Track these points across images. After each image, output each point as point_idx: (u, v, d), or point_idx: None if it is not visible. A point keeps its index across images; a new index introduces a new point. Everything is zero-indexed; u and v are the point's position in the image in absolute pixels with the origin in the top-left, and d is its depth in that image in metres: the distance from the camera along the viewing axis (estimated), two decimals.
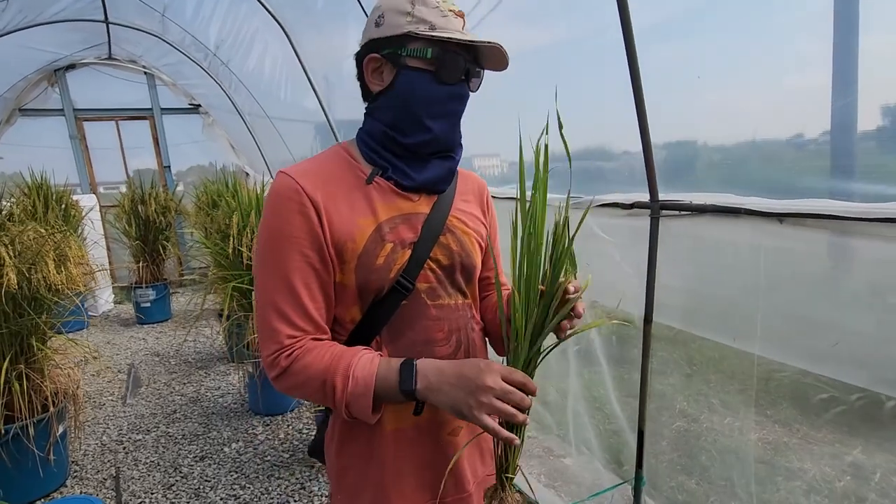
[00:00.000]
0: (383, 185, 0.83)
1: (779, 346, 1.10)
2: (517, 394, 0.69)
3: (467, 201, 0.92)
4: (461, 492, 0.89)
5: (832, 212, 0.95)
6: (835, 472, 2.35)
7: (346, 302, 0.83)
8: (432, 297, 0.84)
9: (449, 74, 0.79)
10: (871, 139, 1.17)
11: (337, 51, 3.43)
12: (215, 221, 3.05)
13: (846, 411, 2.49)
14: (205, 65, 4.85)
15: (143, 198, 4.93)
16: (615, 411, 2.15)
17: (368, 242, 0.80)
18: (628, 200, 1.43)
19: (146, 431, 2.95)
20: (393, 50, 0.79)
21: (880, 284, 0.94)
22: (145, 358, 4.11)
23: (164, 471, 2.55)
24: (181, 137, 6.37)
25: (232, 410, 3.15)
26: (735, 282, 1.21)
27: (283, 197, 0.78)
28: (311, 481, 2.40)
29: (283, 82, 4.11)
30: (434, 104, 0.80)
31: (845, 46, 1.19)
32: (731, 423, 2.69)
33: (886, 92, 1.14)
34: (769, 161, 1.46)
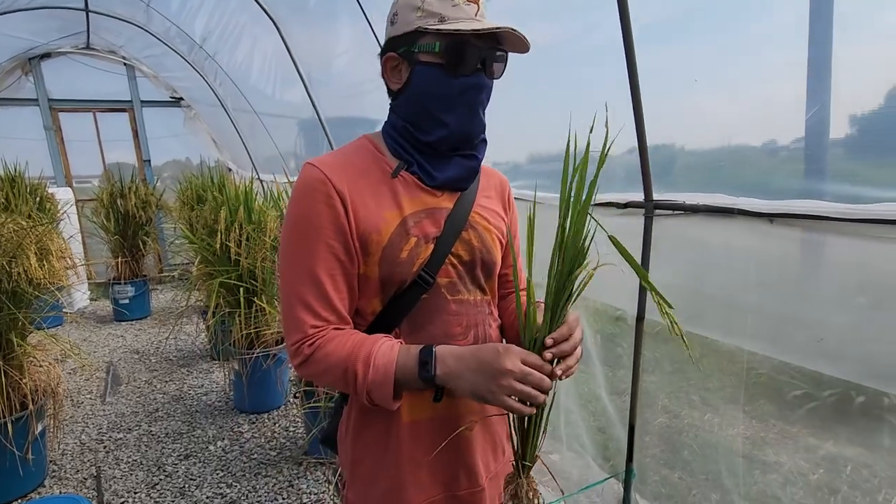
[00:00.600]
0: (408, 180, 0.84)
1: (769, 342, 1.16)
2: (536, 375, 0.70)
3: (489, 197, 0.93)
4: (474, 486, 0.90)
5: (821, 213, 1.00)
6: (809, 465, 2.45)
7: (368, 294, 0.84)
8: (452, 292, 0.85)
9: (461, 66, 0.78)
10: (841, 146, 1.23)
11: (327, 49, 3.42)
12: (202, 216, 3.00)
13: (819, 407, 2.59)
14: (189, 57, 4.76)
15: (123, 192, 4.81)
16: (604, 408, 2.20)
17: (393, 236, 0.80)
18: (623, 200, 1.47)
19: (127, 430, 2.89)
20: (407, 47, 0.79)
21: (864, 282, 1.00)
22: (124, 355, 4.02)
23: (148, 469, 2.50)
24: (161, 131, 6.23)
25: (216, 409, 3.11)
26: (726, 279, 1.26)
27: (310, 188, 0.79)
28: (300, 479, 2.39)
29: (271, 77, 4.06)
30: (448, 98, 0.79)
31: (819, 57, 1.25)
32: (711, 418, 2.78)
33: (857, 101, 1.21)
34: (744, 165, 1.52)
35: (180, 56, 4.82)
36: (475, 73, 0.79)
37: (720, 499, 2.26)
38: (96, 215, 4.89)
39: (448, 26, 0.75)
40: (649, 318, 1.44)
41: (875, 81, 1.15)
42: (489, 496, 0.92)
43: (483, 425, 0.89)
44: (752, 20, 1.45)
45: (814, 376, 2.67)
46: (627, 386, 1.92)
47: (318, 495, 2.27)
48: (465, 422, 0.87)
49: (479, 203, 0.89)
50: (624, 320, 1.61)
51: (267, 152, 4.91)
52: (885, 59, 1.14)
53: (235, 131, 5.17)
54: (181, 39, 4.52)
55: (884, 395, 2.43)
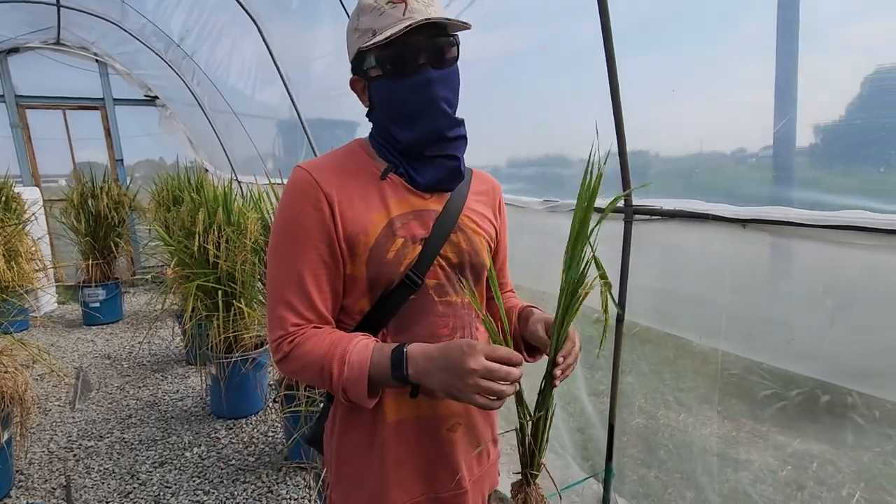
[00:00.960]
0: (396, 182, 0.85)
1: (741, 343, 1.20)
2: (501, 370, 0.71)
3: (480, 202, 0.94)
4: (458, 488, 0.91)
5: (791, 219, 1.05)
6: (777, 463, 2.54)
7: (356, 293, 0.84)
8: (440, 294, 0.86)
9: (401, 69, 0.78)
10: (807, 154, 1.30)
11: (307, 50, 3.40)
12: (178, 218, 2.94)
13: (787, 406, 2.70)
14: (166, 56, 4.66)
15: (95, 192, 4.67)
16: (582, 409, 2.24)
17: (380, 236, 0.81)
18: (603, 205, 1.50)
19: (98, 437, 2.80)
20: (360, 68, 0.83)
21: (830, 285, 1.05)
22: (95, 361, 3.89)
23: (121, 478, 2.43)
24: (135, 129, 6.08)
25: (192, 414, 3.04)
26: (701, 282, 1.30)
27: (298, 190, 0.81)
28: (279, 484, 2.36)
29: (251, 78, 4.02)
30: (402, 103, 0.80)
31: (786, 68, 1.31)
32: (685, 419, 2.85)
33: (821, 112, 1.27)
34: (716, 172, 1.58)
35: (156, 54, 4.72)
36: (420, 71, 0.79)
37: (694, 497, 2.32)
38: (66, 216, 4.73)
39: (376, 38, 0.76)
40: (628, 319, 1.48)
41: (839, 93, 1.21)
42: (472, 499, 0.94)
43: (467, 428, 0.90)
44: (722, 32, 1.51)
45: (782, 376, 2.77)
46: (605, 387, 1.97)
47: (298, 501, 2.25)
48: (449, 423, 0.88)
49: (469, 206, 0.90)
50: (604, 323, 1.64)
51: (245, 153, 4.84)
52: (847, 72, 1.20)
53: (213, 131, 5.09)
54: (157, 37, 4.43)
55: (847, 395, 2.55)
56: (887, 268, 1.00)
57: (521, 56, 2.16)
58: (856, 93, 1.18)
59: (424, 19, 0.75)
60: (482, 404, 0.71)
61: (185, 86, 4.84)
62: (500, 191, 1.00)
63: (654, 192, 1.50)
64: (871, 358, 1.03)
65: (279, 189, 2.56)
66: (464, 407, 0.89)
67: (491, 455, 0.99)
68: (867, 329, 1.05)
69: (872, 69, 1.16)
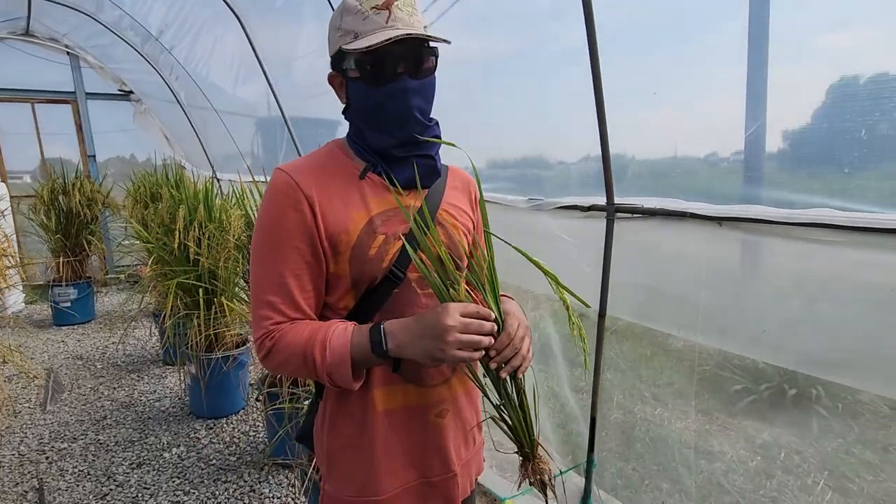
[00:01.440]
0: (375, 181, 0.88)
1: (716, 335, 1.26)
2: (474, 322, 0.76)
3: (456, 196, 0.97)
4: (447, 471, 0.93)
5: (763, 217, 1.11)
6: (748, 454, 2.65)
7: (340, 290, 0.86)
8: (422, 286, 0.89)
9: (379, 76, 0.80)
10: (776, 159, 1.37)
11: (289, 48, 3.38)
12: (158, 215, 2.89)
13: (756, 400, 2.82)
14: (143, 50, 4.56)
15: (66, 188, 4.53)
16: (563, 404, 2.29)
17: (361, 234, 0.84)
18: (586, 203, 1.55)
19: (72, 439, 2.73)
20: (339, 66, 0.85)
21: (800, 279, 1.12)
22: (66, 362, 3.78)
23: (96, 480, 2.38)
24: (108, 125, 5.92)
25: (171, 415, 2.99)
26: (680, 277, 1.36)
27: (278, 192, 0.83)
28: (262, 483, 2.34)
29: (231, 75, 3.97)
30: (379, 107, 0.82)
31: (756, 76, 1.38)
32: (661, 413, 2.95)
33: (789, 118, 1.34)
34: (689, 175, 1.65)
35: (132, 48, 4.61)
36: (398, 79, 0.81)
37: (670, 487, 2.40)
38: (35, 213, 4.57)
39: (358, 44, 0.78)
40: (617, 315, 1.53)
41: (806, 100, 1.29)
42: (461, 482, 0.96)
43: (454, 413, 0.93)
44: (696, 39, 1.58)
45: (752, 371, 2.89)
46: (585, 384, 2.02)
47: (282, 499, 2.23)
48: (437, 409, 0.90)
49: (446, 201, 0.93)
50: (587, 317, 1.70)
51: (224, 150, 4.77)
52: (814, 80, 1.28)
53: (191, 128, 5.00)
54: (135, 31, 4.33)
55: (812, 388, 2.67)
56: (851, 263, 1.07)
57: (501, 58, 2.20)
58: (821, 100, 1.26)
59: (405, 34, 0.76)
60: (463, 357, 0.75)
61: (162, 81, 4.74)
62: (474, 184, 1.03)
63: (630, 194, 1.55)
64: (837, 348, 1.10)
65: (262, 187, 2.54)
66: (450, 393, 0.92)
67: (476, 440, 1.02)
68: (833, 321, 1.12)
69: (837, 77, 1.23)
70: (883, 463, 2.45)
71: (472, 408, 0.98)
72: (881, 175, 1.18)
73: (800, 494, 2.34)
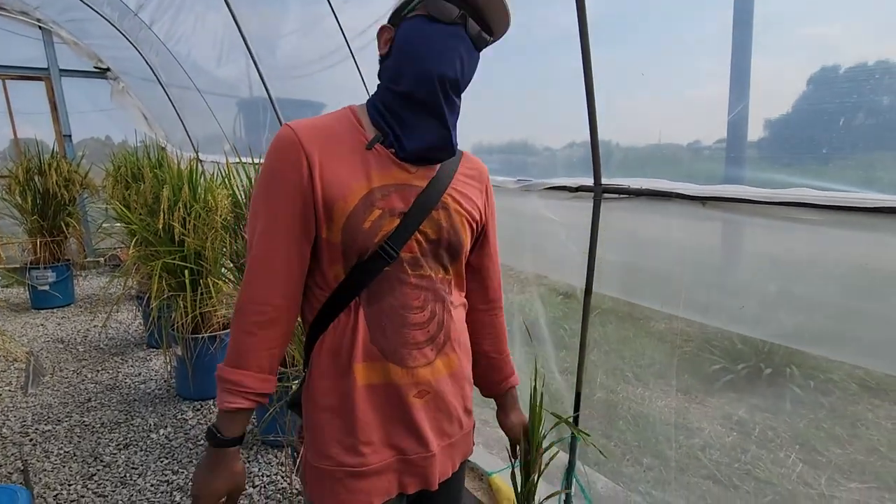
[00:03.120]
0: (382, 153, 0.86)
1: (699, 310, 1.31)
2: None
3: (467, 183, 0.96)
4: (425, 450, 0.93)
5: (745, 196, 1.15)
6: (724, 430, 2.76)
7: (331, 258, 0.86)
8: (414, 267, 0.88)
9: (441, 13, 0.82)
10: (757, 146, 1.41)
11: (274, 28, 3.32)
12: (141, 195, 2.83)
13: (734, 379, 2.93)
14: (121, 26, 4.41)
15: (42, 168, 4.40)
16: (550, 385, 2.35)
17: (358, 205, 0.83)
18: (574, 184, 1.58)
19: (56, 422, 2.70)
20: (397, 16, 0.86)
21: (778, 256, 1.16)
22: (46, 345, 3.72)
23: (83, 461, 2.37)
24: (84, 104, 5.73)
25: (157, 397, 2.97)
26: (664, 256, 1.40)
27: (279, 148, 0.83)
28: (251, 462, 2.36)
29: (214, 54, 3.87)
30: (429, 41, 0.82)
31: (740, 64, 1.41)
32: (642, 392, 3.04)
33: (771, 106, 1.38)
34: (672, 162, 1.69)
35: (110, 23, 4.45)
36: (454, 24, 0.83)
37: (650, 462, 2.49)
38: (9, 193, 4.44)
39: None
40: (604, 292, 1.56)
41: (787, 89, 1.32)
42: (440, 461, 0.96)
43: (435, 395, 0.93)
44: (681, 27, 1.60)
45: (730, 351, 2.99)
46: (570, 364, 2.07)
47: (271, 477, 2.26)
48: (416, 390, 0.90)
49: (454, 186, 0.92)
50: (574, 296, 1.74)
51: (206, 131, 4.67)
52: (797, 68, 1.31)
53: (171, 107, 4.88)
54: (112, 6, 4.18)
55: (787, 366, 2.78)
56: (827, 241, 1.11)
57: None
58: (802, 89, 1.29)
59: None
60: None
61: (141, 58, 4.60)
62: (487, 173, 1.02)
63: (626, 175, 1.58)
64: (812, 322, 1.15)
65: (248, 168, 2.51)
66: (433, 377, 0.92)
67: (465, 425, 1.01)
68: (810, 297, 1.17)
69: (818, 67, 1.27)
70: (851, 437, 2.58)
71: (459, 392, 0.98)
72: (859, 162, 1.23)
73: (772, 467, 2.45)
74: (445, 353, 0.93)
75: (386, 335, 0.88)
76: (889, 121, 1.20)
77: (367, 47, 2.60)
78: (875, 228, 1.03)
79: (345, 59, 2.68)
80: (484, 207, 1.00)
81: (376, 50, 0.89)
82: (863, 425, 2.63)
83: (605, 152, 1.60)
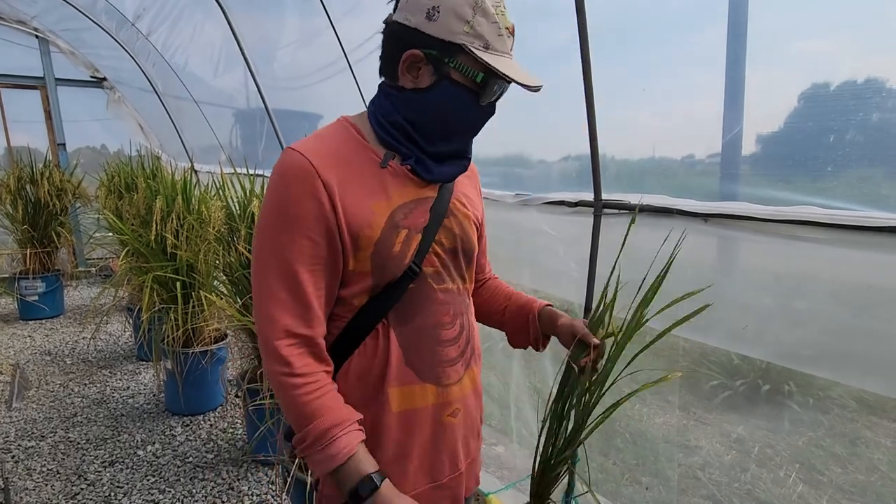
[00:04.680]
0: (397, 170, 0.82)
1: (701, 330, 1.29)
2: None
3: (466, 185, 0.95)
4: (455, 471, 0.91)
5: (747, 213, 1.13)
6: (724, 448, 2.72)
7: (357, 287, 0.81)
8: (438, 282, 0.85)
9: (488, 97, 0.79)
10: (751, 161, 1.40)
11: (272, 39, 3.32)
12: (134, 205, 2.80)
13: (732, 395, 2.90)
14: (118, 35, 4.41)
15: (34, 177, 4.35)
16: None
17: (385, 229, 0.78)
18: (574, 199, 1.56)
19: (40, 437, 2.63)
20: (439, 54, 0.75)
21: (781, 275, 1.14)
22: (33, 357, 3.64)
23: (66, 479, 2.29)
24: (80, 113, 5.70)
25: (145, 411, 2.90)
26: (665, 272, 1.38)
27: (293, 177, 0.74)
28: (240, 480, 2.30)
29: (212, 64, 3.87)
30: (466, 121, 0.81)
31: (734, 79, 1.41)
32: (640, 409, 3.00)
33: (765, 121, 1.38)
34: (667, 175, 1.68)
35: (107, 33, 4.45)
36: (491, 106, 0.82)
37: (649, 481, 2.45)
38: (0, 202, 4.38)
39: (494, 61, 0.74)
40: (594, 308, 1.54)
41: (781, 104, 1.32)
42: (465, 480, 0.95)
43: (465, 412, 0.91)
44: (677, 42, 1.61)
45: (728, 367, 2.96)
46: None
47: (261, 496, 2.20)
48: (450, 410, 0.88)
49: (458, 190, 0.90)
50: (572, 312, 1.71)
51: (202, 142, 4.66)
52: (789, 84, 1.31)
53: (168, 117, 4.86)
54: (109, 15, 4.18)
55: (785, 383, 2.75)
56: (828, 259, 1.10)
57: None
58: (795, 104, 1.29)
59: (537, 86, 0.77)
60: None
61: (138, 68, 4.59)
62: (476, 169, 1.01)
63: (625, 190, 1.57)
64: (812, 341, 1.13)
65: (243, 179, 2.49)
66: (461, 391, 0.89)
67: (481, 438, 1.02)
68: (810, 315, 1.15)
69: (810, 84, 1.27)
70: (851, 456, 2.55)
71: (479, 405, 0.97)
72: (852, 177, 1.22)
73: (772, 487, 2.41)
74: (471, 368, 0.92)
75: (421, 356, 0.84)
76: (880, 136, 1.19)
77: (364, 59, 2.60)
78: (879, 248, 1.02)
79: (342, 71, 2.68)
80: (480, 205, 1.00)
81: (374, 62, 0.85)
82: (862, 443, 2.60)
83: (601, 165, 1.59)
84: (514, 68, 0.76)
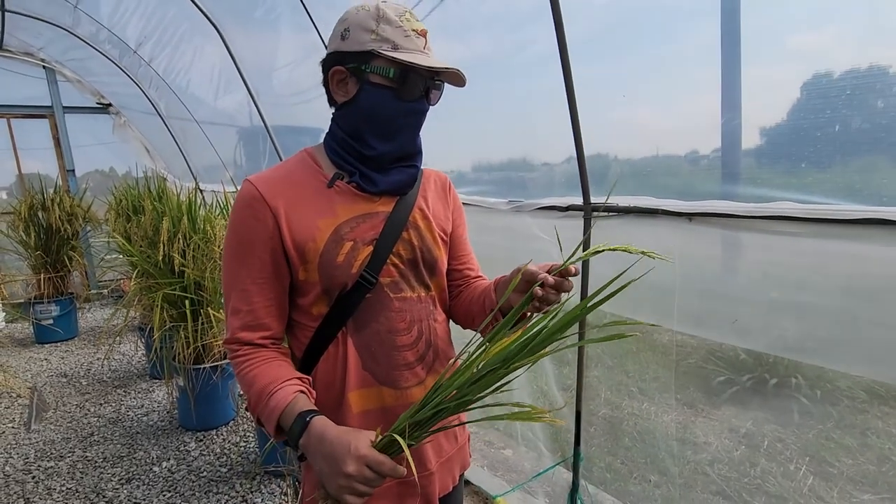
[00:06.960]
0: (344, 189, 0.89)
1: (692, 324, 1.31)
2: (379, 480, 0.74)
3: (430, 198, 0.98)
4: (423, 470, 0.94)
5: (729, 211, 1.16)
6: (732, 444, 2.72)
7: (312, 297, 0.89)
8: (395, 291, 0.90)
9: (409, 93, 0.84)
10: (752, 155, 1.43)
11: (269, 58, 3.40)
12: (141, 227, 2.87)
13: (739, 391, 2.89)
14: (121, 62, 4.53)
15: (45, 203, 4.47)
16: (553, 402, 2.33)
17: (328, 242, 0.86)
18: (564, 203, 1.60)
19: (59, 458, 2.69)
20: (357, 65, 0.84)
21: (767, 269, 1.17)
22: (50, 379, 3.72)
23: (85, 497, 2.35)
24: (87, 139, 5.84)
25: (159, 428, 2.96)
26: (654, 271, 1.41)
27: (243, 204, 0.86)
28: (254, 493, 2.34)
29: (212, 85, 3.96)
30: (394, 119, 0.86)
31: (730, 75, 1.43)
32: (647, 407, 3.01)
33: (764, 116, 1.40)
34: (671, 173, 1.71)
35: (110, 60, 4.57)
36: (419, 100, 0.86)
37: (657, 479, 2.45)
38: (13, 229, 4.50)
39: (402, 56, 0.81)
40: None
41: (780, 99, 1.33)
42: (440, 478, 0.98)
43: None
44: (674, 40, 1.63)
45: (734, 362, 2.96)
46: (573, 381, 2.06)
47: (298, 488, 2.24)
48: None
49: (418, 205, 0.95)
50: None
51: (207, 161, 4.75)
52: (785, 80, 1.33)
53: (172, 139, 4.97)
54: (112, 44, 4.30)
55: (792, 376, 2.74)
56: (811, 253, 1.12)
57: (485, 61, 2.24)
58: (794, 98, 1.31)
59: (453, 68, 0.84)
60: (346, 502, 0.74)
61: (141, 93, 4.71)
62: (448, 181, 1.05)
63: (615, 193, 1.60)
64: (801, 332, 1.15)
65: None
66: (424, 394, 0.89)
67: (459, 438, 1.03)
68: (798, 307, 1.17)
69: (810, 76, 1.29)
70: (861, 447, 2.53)
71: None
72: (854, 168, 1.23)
73: (783, 481, 2.40)
74: (435, 370, 0.95)
75: (377, 360, 0.90)
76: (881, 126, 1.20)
77: None
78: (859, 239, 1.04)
79: None
80: (452, 216, 1.02)
81: None
82: (873, 434, 2.59)
83: (604, 164, 1.62)
84: (423, 59, 0.82)
